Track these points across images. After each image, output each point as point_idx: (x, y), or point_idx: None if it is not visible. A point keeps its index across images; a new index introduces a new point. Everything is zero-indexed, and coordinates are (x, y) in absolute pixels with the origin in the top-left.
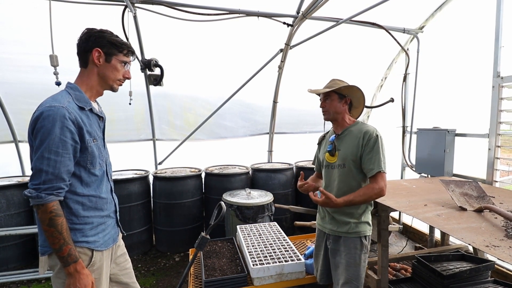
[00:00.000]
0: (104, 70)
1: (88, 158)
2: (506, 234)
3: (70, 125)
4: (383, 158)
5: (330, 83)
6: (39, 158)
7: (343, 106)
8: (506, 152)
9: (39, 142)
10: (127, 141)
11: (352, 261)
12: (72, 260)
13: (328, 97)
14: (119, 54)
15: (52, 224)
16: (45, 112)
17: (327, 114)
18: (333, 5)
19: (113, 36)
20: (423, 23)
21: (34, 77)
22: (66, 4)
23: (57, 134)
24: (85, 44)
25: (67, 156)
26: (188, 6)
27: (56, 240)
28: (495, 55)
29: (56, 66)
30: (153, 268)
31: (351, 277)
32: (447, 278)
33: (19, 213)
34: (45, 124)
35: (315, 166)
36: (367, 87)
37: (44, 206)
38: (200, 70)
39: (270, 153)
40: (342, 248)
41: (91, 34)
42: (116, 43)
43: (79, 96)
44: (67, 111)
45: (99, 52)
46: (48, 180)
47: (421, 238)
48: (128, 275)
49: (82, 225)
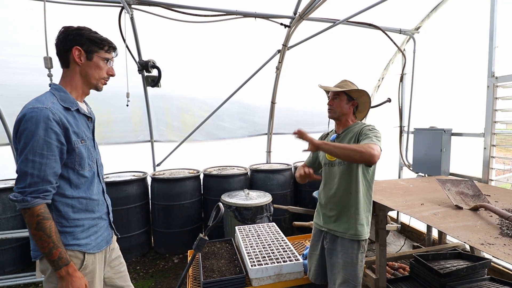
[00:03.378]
0: (86, 69)
1: (76, 160)
2: (501, 232)
3: (55, 126)
4: (378, 140)
5: (341, 83)
6: (24, 161)
7: (349, 108)
8: (502, 151)
9: (23, 145)
10: (125, 143)
11: (349, 260)
12: (63, 263)
13: (337, 97)
14: (100, 51)
15: (40, 227)
16: (27, 114)
17: (333, 113)
18: (330, 6)
19: (92, 32)
20: (419, 24)
21: (29, 79)
22: (61, 6)
23: (41, 135)
24: (63, 43)
25: (52, 158)
26: (185, 7)
27: (45, 244)
28: (490, 55)
29: (50, 68)
30: (151, 270)
31: (349, 277)
32: (444, 276)
33: (15, 216)
34: (28, 126)
35: (307, 160)
36: (364, 88)
37: (31, 210)
38: (197, 71)
39: (268, 154)
40: (339, 248)
41: (69, 32)
42: (95, 40)
43: (64, 97)
44: (51, 112)
45: (79, 51)
46: (34, 183)
47: (419, 237)
48: (123, 279)
49: (73, 227)
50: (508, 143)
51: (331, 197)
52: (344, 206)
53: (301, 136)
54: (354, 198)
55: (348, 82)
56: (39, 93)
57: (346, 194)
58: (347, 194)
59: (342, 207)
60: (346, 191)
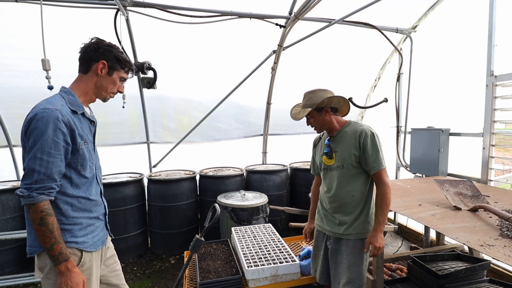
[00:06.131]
0: (102, 81)
1: (79, 160)
2: (500, 233)
3: (63, 127)
4: (382, 155)
5: (305, 101)
6: (32, 158)
7: (327, 116)
8: (501, 151)
9: (32, 143)
10: (121, 144)
11: (354, 260)
12: (63, 258)
13: (309, 117)
14: (121, 70)
15: (43, 223)
16: (39, 114)
17: (318, 129)
18: (326, 5)
19: (120, 52)
20: (416, 23)
21: (27, 82)
22: (58, 8)
23: (50, 135)
24: (92, 52)
25: (59, 157)
26: (180, 8)
27: (47, 239)
28: (489, 54)
29: (48, 70)
30: (148, 271)
31: (354, 277)
32: (442, 277)
33: (14, 217)
34: (39, 125)
35: (313, 169)
36: (360, 87)
37: (35, 206)
38: (193, 72)
39: (264, 155)
40: (344, 248)
41: (101, 45)
42: (121, 60)
43: (72, 100)
44: (60, 114)
45: (104, 64)
46: (40, 180)
47: (416, 238)
48: (118, 277)
49: (71, 225)
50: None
51: (333, 200)
52: (346, 207)
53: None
54: (356, 198)
55: (309, 95)
56: (37, 95)
57: (347, 196)
58: (349, 195)
59: (344, 209)
60: (347, 193)
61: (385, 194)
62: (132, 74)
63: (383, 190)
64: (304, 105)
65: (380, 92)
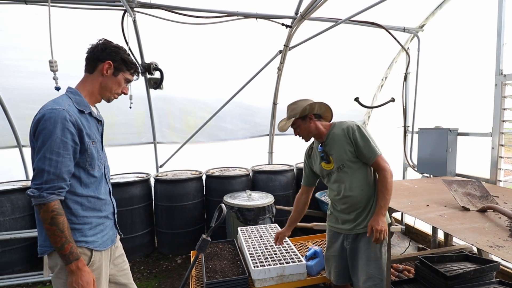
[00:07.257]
0: (107, 81)
1: (87, 160)
2: (510, 234)
3: (71, 126)
4: (374, 142)
5: (289, 113)
6: (41, 159)
7: (311, 124)
8: (510, 150)
9: (41, 143)
10: (128, 145)
11: (372, 255)
12: (74, 257)
13: (295, 126)
14: (126, 71)
15: (53, 222)
16: (47, 114)
17: (305, 138)
18: (332, 5)
19: (126, 54)
20: (424, 22)
21: (35, 83)
22: (66, 10)
23: (58, 135)
24: (99, 53)
25: (67, 156)
26: (186, 9)
27: (58, 239)
28: (498, 53)
29: (56, 71)
30: (155, 271)
31: (374, 272)
32: (450, 279)
33: (24, 216)
34: (47, 125)
35: (304, 179)
36: (367, 87)
37: (46, 205)
38: (199, 72)
39: (270, 155)
40: (361, 244)
41: (108, 46)
42: (127, 62)
43: (79, 100)
44: (68, 114)
45: (109, 65)
46: (50, 180)
47: (424, 238)
48: (126, 276)
49: (81, 225)
50: None
51: (345, 201)
52: (360, 203)
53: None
54: (365, 191)
55: (292, 106)
56: (46, 96)
57: (357, 191)
58: (358, 190)
59: (358, 204)
60: (357, 188)
61: (384, 178)
62: (138, 76)
63: (382, 175)
64: (289, 116)
65: (387, 92)
